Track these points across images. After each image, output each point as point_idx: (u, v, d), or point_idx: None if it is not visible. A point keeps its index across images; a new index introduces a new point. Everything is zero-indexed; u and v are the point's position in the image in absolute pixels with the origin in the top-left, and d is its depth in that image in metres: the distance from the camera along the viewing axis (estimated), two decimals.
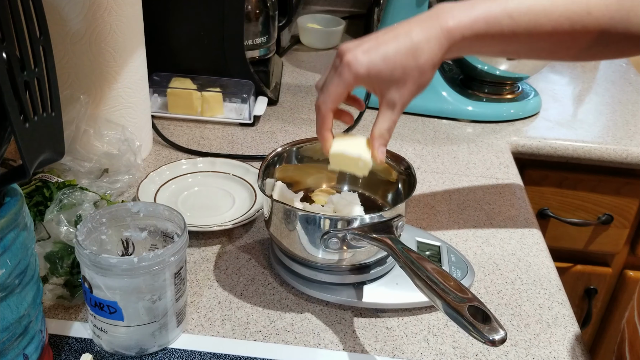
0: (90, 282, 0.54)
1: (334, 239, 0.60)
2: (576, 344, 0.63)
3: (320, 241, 0.61)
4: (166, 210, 0.60)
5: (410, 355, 0.61)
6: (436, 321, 0.65)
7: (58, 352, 0.58)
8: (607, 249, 1.17)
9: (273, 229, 0.66)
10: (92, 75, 0.79)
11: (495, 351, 0.61)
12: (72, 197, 0.66)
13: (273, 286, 0.68)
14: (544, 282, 0.72)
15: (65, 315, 0.63)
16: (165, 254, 0.54)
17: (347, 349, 0.61)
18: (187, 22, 1.02)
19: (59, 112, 0.45)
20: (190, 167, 0.86)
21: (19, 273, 0.46)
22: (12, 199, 0.46)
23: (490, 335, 0.46)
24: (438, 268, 0.53)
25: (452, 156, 0.98)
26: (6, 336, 0.46)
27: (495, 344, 0.46)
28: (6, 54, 0.39)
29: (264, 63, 1.11)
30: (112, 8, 0.76)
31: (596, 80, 1.31)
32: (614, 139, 1.05)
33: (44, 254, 0.62)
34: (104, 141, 0.80)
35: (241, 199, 0.81)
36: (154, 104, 1.02)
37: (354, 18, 1.53)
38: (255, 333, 0.62)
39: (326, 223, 0.60)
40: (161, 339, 0.59)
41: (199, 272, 0.70)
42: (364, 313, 0.65)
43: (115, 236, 0.60)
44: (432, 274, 0.52)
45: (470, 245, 0.77)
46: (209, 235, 0.75)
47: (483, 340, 0.46)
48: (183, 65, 1.07)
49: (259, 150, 0.95)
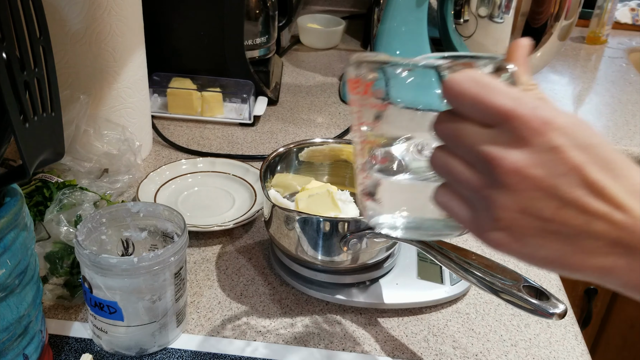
0: (90, 282, 0.54)
1: (354, 239, 0.61)
2: (576, 344, 0.63)
3: (340, 243, 0.61)
4: (166, 210, 0.60)
5: (410, 355, 0.61)
6: (436, 321, 0.65)
7: (58, 352, 0.58)
8: None
9: (273, 229, 0.66)
10: (92, 75, 0.79)
11: (495, 351, 0.61)
12: (72, 197, 0.66)
13: (273, 286, 0.68)
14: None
15: (65, 315, 0.63)
16: (165, 254, 0.54)
17: (347, 349, 0.61)
18: (187, 22, 1.02)
19: (59, 112, 0.45)
20: (190, 167, 0.86)
21: (19, 273, 0.46)
22: (12, 199, 0.46)
23: (552, 310, 0.49)
24: (480, 255, 0.56)
25: None
26: (6, 336, 0.46)
27: (559, 317, 0.49)
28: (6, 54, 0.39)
29: (264, 63, 1.11)
30: (112, 8, 0.76)
31: (596, 80, 1.31)
32: (614, 139, 1.05)
33: (44, 254, 0.62)
34: (104, 141, 0.80)
35: (241, 199, 0.81)
36: (154, 104, 1.02)
37: (354, 18, 1.53)
38: (255, 333, 0.62)
39: (345, 226, 0.61)
40: (161, 339, 0.59)
41: (199, 272, 0.70)
42: (364, 313, 0.65)
43: (115, 236, 0.60)
44: (474, 263, 0.55)
45: (471, 245, 0.77)
46: (209, 235, 0.75)
47: (546, 316, 0.49)
48: (183, 65, 1.07)
49: (259, 150, 0.95)
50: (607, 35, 1.51)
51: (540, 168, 0.31)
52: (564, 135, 0.31)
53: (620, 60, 1.43)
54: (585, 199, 0.31)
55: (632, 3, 1.62)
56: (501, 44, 1.02)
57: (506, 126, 0.31)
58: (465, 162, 0.34)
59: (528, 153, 0.31)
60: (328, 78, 1.23)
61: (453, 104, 0.34)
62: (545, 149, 0.31)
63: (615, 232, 0.31)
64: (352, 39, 1.46)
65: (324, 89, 1.18)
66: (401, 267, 0.69)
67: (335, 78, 1.23)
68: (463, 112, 0.33)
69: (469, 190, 0.34)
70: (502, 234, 0.33)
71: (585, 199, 0.31)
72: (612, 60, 1.42)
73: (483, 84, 0.32)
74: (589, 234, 0.31)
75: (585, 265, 0.32)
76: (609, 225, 0.31)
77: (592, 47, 1.50)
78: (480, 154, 0.32)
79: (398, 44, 1.11)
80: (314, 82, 1.21)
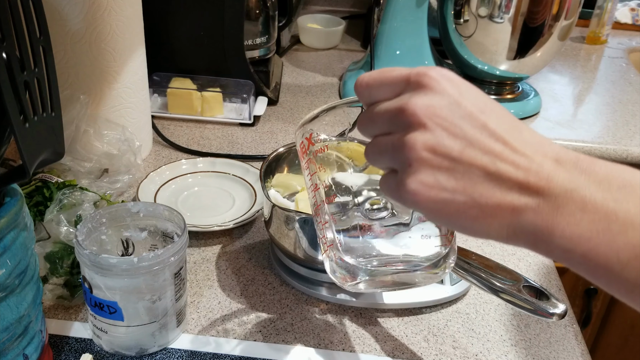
0: (90, 282, 0.54)
1: None
2: (576, 344, 0.63)
3: None
4: (166, 210, 0.60)
5: (410, 355, 0.61)
6: (436, 321, 0.65)
7: (58, 352, 0.58)
8: None
9: (273, 229, 0.66)
10: (92, 75, 0.79)
11: (495, 351, 0.61)
12: (72, 197, 0.66)
13: (273, 286, 0.68)
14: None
15: (65, 315, 0.63)
16: (165, 254, 0.54)
17: (347, 349, 0.61)
18: (187, 22, 1.02)
19: (59, 112, 0.45)
20: (190, 167, 0.86)
21: (19, 273, 0.46)
22: (12, 199, 0.46)
23: (552, 310, 0.49)
24: (480, 255, 0.56)
25: None
26: (6, 336, 0.46)
27: (559, 318, 0.49)
28: (6, 54, 0.39)
29: (264, 63, 1.11)
30: (112, 8, 0.76)
31: (596, 80, 1.31)
32: (614, 139, 1.05)
33: (44, 254, 0.62)
34: (104, 141, 0.80)
35: (241, 199, 0.81)
36: (154, 104, 1.02)
37: (354, 18, 1.53)
38: (255, 333, 0.62)
39: None
40: (161, 339, 0.59)
41: (199, 272, 0.70)
42: (364, 313, 0.65)
43: (115, 236, 0.60)
44: (475, 263, 0.55)
45: (471, 245, 0.77)
46: (209, 235, 0.75)
47: (546, 316, 0.49)
48: (183, 65, 1.07)
49: (259, 150, 0.95)
50: (607, 35, 1.51)
51: (444, 109, 0.35)
52: (459, 86, 0.36)
53: (620, 60, 1.43)
54: (487, 141, 0.34)
55: (632, 3, 1.63)
56: (501, 44, 1.02)
57: (409, 85, 0.36)
58: (385, 133, 0.38)
59: (431, 95, 0.35)
60: (328, 78, 1.24)
61: (365, 96, 0.39)
62: (447, 94, 0.35)
63: (521, 174, 0.33)
64: (352, 39, 1.46)
65: (324, 89, 1.18)
66: None
67: (335, 78, 1.23)
68: (374, 97, 0.38)
69: (392, 153, 0.37)
70: (417, 182, 0.35)
71: (488, 141, 0.34)
72: (612, 60, 1.42)
73: (381, 70, 0.38)
74: (497, 174, 0.33)
75: (500, 206, 0.33)
76: (513, 167, 0.33)
77: (592, 47, 1.50)
78: (391, 112, 0.36)
79: (398, 44, 1.11)
80: (314, 82, 1.21)
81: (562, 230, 0.32)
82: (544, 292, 0.51)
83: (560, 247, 0.32)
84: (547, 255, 0.34)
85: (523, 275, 0.53)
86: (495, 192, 0.33)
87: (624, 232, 0.30)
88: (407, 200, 0.36)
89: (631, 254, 0.30)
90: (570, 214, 0.32)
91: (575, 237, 0.31)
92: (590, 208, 0.31)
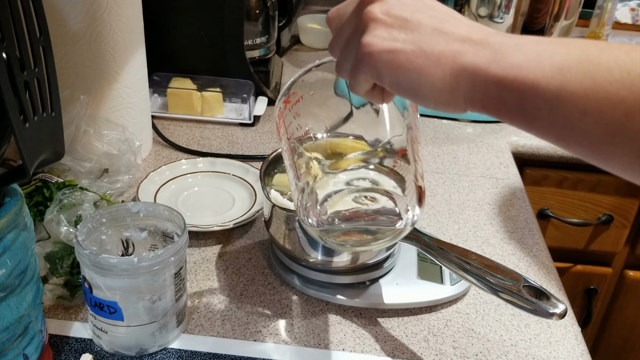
0: (90, 282, 0.54)
1: None
2: (576, 344, 0.63)
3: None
4: (166, 210, 0.60)
5: (410, 355, 0.61)
6: (436, 321, 0.65)
7: (58, 352, 0.58)
8: (607, 249, 1.17)
9: (273, 229, 0.66)
10: (92, 75, 0.79)
11: (495, 351, 0.61)
12: (72, 197, 0.66)
13: (273, 286, 0.68)
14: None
15: (65, 315, 0.63)
16: (165, 254, 0.54)
17: (347, 349, 0.61)
18: (187, 22, 1.02)
19: (59, 112, 0.45)
20: (190, 167, 0.86)
21: (19, 273, 0.46)
22: (12, 199, 0.46)
23: (552, 310, 0.49)
24: (480, 255, 0.56)
25: (452, 156, 0.98)
26: (6, 336, 0.46)
27: (559, 317, 0.49)
28: (6, 54, 0.39)
29: (264, 63, 1.11)
30: (112, 8, 0.76)
31: None
32: None
33: (44, 254, 0.62)
34: (104, 141, 0.80)
35: (241, 199, 0.81)
36: (154, 104, 1.02)
37: None
38: (255, 333, 0.62)
39: None
40: (161, 339, 0.59)
41: (199, 272, 0.70)
42: (364, 313, 0.65)
43: (115, 236, 0.60)
44: (475, 263, 0.55)
45: (471, 245, 0.77)
46: (209, 235, 0.75)
47: (546, 316, 0.49)
48: (183, 65, 1.07)
49: (259, 150, 0.95)
50: (607, 35, 1.51)
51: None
52: None
53: None
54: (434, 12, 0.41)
55: (632, 3, 1.63)
56: None
57: None
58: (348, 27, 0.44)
59: None
60: None
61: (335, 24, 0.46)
62: None
63: (464, 31, 0.39)
64: None
65: None
66: (401, 267, 0.69)
67: None
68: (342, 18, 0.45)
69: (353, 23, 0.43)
70: (373, 35, 0.40)
71: (434, 12, 0.41)
72: None
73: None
74: (442, 30, 0.39)
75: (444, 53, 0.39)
76: (457, 29, 0.39)
77: None
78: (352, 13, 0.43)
79: None
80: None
81: (497, 62, 0.37)
82: (544, 292, 0.51)
83: (494, 78, 0.37)
84: (483, 101, 0.38)
85: (523, 275, 0.53)
86: (440, 42, 0.39)
87: (550, 57, 0.35)
88: (363, 58, 0.41)
89: (555, 69, 0.35)
90: (505, 51, 0.37)
91: (508, 66, 0.36)
92: (523, 49, 0.37)
